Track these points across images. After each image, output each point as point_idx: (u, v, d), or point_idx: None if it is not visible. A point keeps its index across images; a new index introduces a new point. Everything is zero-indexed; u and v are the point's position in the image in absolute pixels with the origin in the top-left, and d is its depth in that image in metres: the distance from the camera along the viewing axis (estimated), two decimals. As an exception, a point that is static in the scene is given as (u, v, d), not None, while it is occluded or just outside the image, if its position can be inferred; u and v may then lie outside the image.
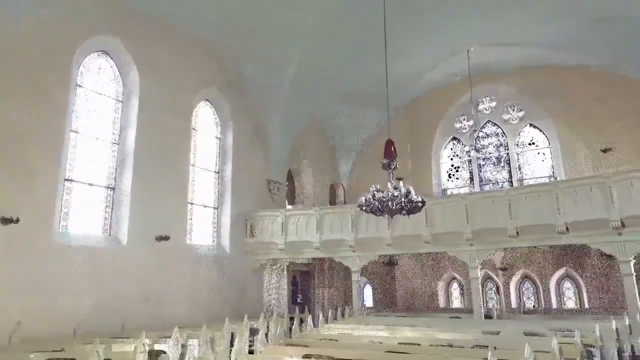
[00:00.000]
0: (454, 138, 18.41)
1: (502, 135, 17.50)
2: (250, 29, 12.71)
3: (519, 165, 16.97)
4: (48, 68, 9.37)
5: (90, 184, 10.36)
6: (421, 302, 16.96)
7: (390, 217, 8.01)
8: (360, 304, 13.43)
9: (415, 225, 12.17)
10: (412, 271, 17.49)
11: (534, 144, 16.94)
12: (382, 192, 7.39)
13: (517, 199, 11.25)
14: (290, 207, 15.93)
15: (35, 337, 7.82)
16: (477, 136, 16.91)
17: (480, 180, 17.50)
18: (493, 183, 17.26)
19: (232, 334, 9.29)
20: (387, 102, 9.37)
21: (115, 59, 11.14)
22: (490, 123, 17.74)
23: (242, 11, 12.10)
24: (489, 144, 17.65)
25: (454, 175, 18.27)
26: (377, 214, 7.92)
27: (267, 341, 7.61)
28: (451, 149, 18.53)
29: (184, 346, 8.25)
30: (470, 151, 15.71)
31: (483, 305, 12.37)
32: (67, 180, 9.84)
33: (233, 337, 9.36)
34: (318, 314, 12.35)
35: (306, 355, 6.51)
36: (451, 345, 7.32)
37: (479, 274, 11.91)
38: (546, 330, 8.53)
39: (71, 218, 9.83)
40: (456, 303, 17.03)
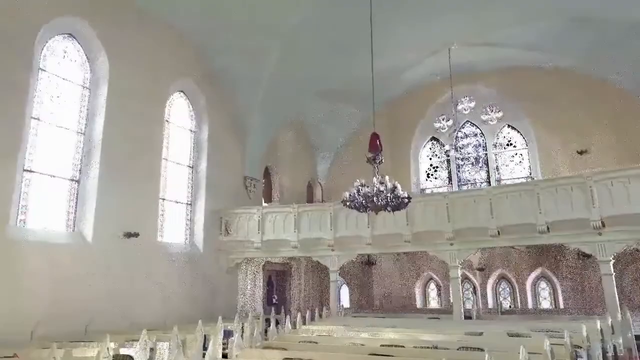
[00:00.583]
0: (433, 138, 18.32)
1: (480, 136, 17.52)
2: (229, 21, 12.20)
3: (497, 166, 17.01)
4: (7, 49, 8.62)
5: (53, 176, 9.63)
6: (398, 303, 16.77)
7: (375, 214, 7.68)
8: (338, 305, 13.07)
9: (395, 224, 11.95)
10: (390, 271, 17.28)
11: (512, 144, 17.01)
12: (367, 186, 7.04)
13: (498, 198, 11.15)
14: (267, 205, 15.46)
15: (-15, 341, 7.11)
16: (456, 136, 16.84)
17: (459, 181, 17.46)
18: (471, 183, 17.25)
19: (205, 336, 8.79)
20: (372, 95, 9.05)
21: (82, 42, 10.42)
22: (469, 123, 17.74)
23: (221, 1, 11.59)
24: (468, 144, 17.63)
25: (432, 175, 18.18)
26: (360, 210, 7.59)
27: (243, 344, 7.15)
28: (430, 149, 18.45)
29: (152, 350, 7.67)
30: (450, 150, 15.61)
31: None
32: (27, 170, 9.09)
33: (206, 340, 8.87)
34: (294, 315, 11.95)
35: (286, 359, 6.11)
36: (436, 347, 7.05)
37: (459, 274, 11.74)
38: (529, 331, 8.37)
39: (30, 212, 9.09)
40: (433, 303, 16.92)
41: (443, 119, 17.99)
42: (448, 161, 17.87)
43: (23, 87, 8.88)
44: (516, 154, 16.87)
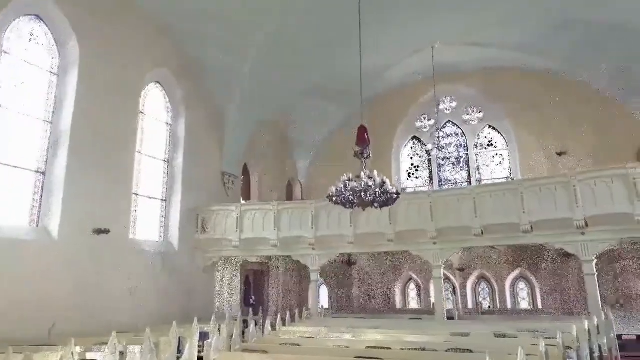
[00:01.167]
0: (415, 137, 18.22)
1: (462, 136, 17.50)
2: (209, 11, 11.68)
3: (478, 167, 17.01)
4: (-34, 27, 7.95)
5: (15, 167, 8.94)
6: (378, 303, 16.56)
7: (363, 209, 7.38)
8: (318, 305, 12.72)
9: (378, 223, 11.71)
10: (370, 271, 17.04)
11: (492, 145, 17.05)
12: (355, 181, 6.72)
13: (482, 197, 11.03)
14: (246, 202, 14.98)
15: None
16: (438, 135, 16.78)
17: (440, 181, 17.39)
18: (452, 183, 17.20)
19: (179, 338, 8.28)
20: (360, 88, 8.75)
21: (50, 25, 9.75)
22: (451, 123, 17.70)
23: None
24: (449, 144, 17.59)
25: (413, 174, 18.06)
26: (346, 206, 7.27)
27: (221, 347, 6.72)
28: (411, 148, 18.33)
29: (123, 354, 7.14)
30: (432, 150, 15.52)
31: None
32: (-14, 161, 8.41)
33: (181, 343, 8.39)
34: (273, 316, 11.54)
35: (268, 363, 5.73)
36: (424, 349, 6.79)
37: (442, 274, 11.59)
38: (515, 332, 8.23)
39: (-11, 205, 8.41)
40: (413, 304, 16.77)
41: (425, 119, 18.02)
42: (429, 161, 17.79)
43: (-17, 70, 8.20)
44: (497, 154, 16.91)
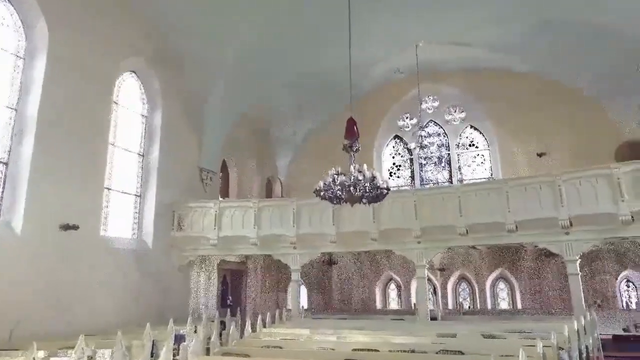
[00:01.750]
0: (397, 136, 18.07)
1: (444, 136, 17.45)
2: None
3: (459, 166, 16.98)
4: None
5: (-25, 156, 8.27)
6: (358, 304, 16.30)
7: (351, 205, 7.06)
8: (298, 306, 12.35)
9: (362, 221, 11.44)
10: (350, 271, 16.77)
11: (474, 145, 17.05)
12: (344, 175, 6.40)
13: (467, 195, 10.90)
14: (223, 199, 14.48)
15: None
16: (421, 135, 16.67)
17: (421, 180, 17.28)
18: (434, 183, 17.11)
19: (153, 341, 7.79)
20: (349, 80, 8.46)
21: (16, 5, 9.07)
22: (433, 122, 17.62)
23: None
24: (432, 143, 17.51)
25: (395, 174, 17.90)
26: (334, 202, 6.93)
27: (199, 351, 6.28)
28: (393, 147, 18.17)
29: (91, 358, 6.62)
30: (416, 148, 15.37)
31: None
32: (-58, 148, 7.72)
33: (154, 346, 7.90)
34: (252, 317, 11.12)
35: (251, 368, 5.35)
36: (413, 351, 6.53)
37: (426, 274, 11.40)
38: (502, 332, 8.07)
39: (-55, 197, 7.72)
40: (393, 304, 16.59)
41: (407, 118, 17.90)
42: (411, 160, 17.67)
43: (-60, 49, 7.52)
44: (478, 154, 16.91)
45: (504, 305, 15.14)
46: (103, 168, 10.57)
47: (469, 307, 15.19)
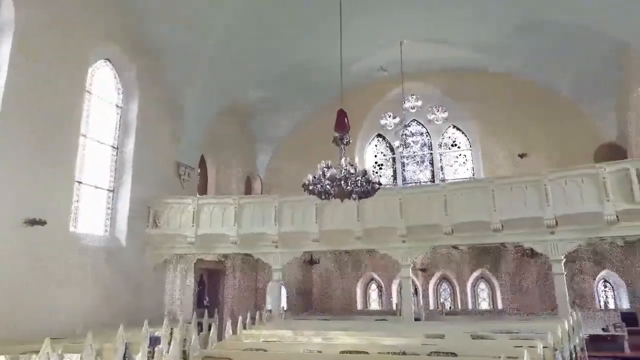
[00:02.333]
0: (379, 135, 17.89)
1: (426, 135, 17.36)
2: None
3: (442, 166, 16.92)
4: None
5: None
6: (338, 304, 16.02)
7: (341, 201, 6.75)
8: (279, 307, 11.96)
9: (345, 220, 11.18)
10: (331, 271, 16.48)
11: (456, 145, 17.02)
12: (334, 168, 6.09)
13: (453, 194, 10.75)
14: (202, 196, 13.93)
15: None
16: (405, 134, 16.54)
17: (404, 180, 17.14)
18: (416, 182, 17.00)
19: (126, 344, 7.27)
20: (340, 68, 8.16)
21: (-21, -21, 8.41)
22: (415, 122, 17.52)
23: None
24: (416, 142, 17.40)
25: (377, 173, 17.69)
26: (322, 197, 6.61)
27: (177, 355, 5.84)
28: (375, 146, 17.99)
29: (58, 364, 6.09)
30: (400, 147, 15.21)
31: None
32: None
33: (128, 349, 7.38)
34: (230, 318, 10.66)
35: (236, 373, 4.96)
36: (404, 353, 6.26)
37: (410, 274, 11.21)
38: (489, 333, 7.91)
39: None
40: (374, 305, 16.38)
41: (389, 116, 17.72)
42: (393, 159, 17.51)
43: None
44: (460, 154, 16.89)
45: (485, 305, 15.14)
46: (74, 160, 9.92)
47: (449, 308, 15.12)
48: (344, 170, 6.18)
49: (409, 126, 17.36)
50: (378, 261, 15.84)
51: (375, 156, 17.85)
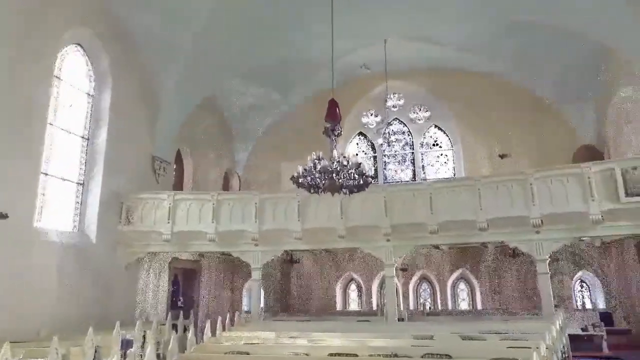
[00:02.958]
0: (360, 133, 17.66)
1: (408, 134, 17.24)
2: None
3: (423, 165, 16.82)
4: None
5: None
6: (318, 305, 15.69)
7: (332, 195, 6.42)
8: (259, 307, 11.52)
9: (329, 217, 10.87)
10: (310, 271, 16.14)
11: (438, 145, 16.96)
12: (326, 160, 5.75)
13: (439, 192, 10.59)
14: (178, 192, 13.34)
15: None
16: (387, 132, 16.36)
17: (385, 179, 16.96)
18: (397, 182, 16.83)
19: (96, 348, 6.74)
20: (332, 60, 7.83)
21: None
22: (397, 121, 17.37)
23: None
24: (398, 140, 17.25)
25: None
26: (311, 191, 6.26)
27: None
28: (357, 144, 17.75)
29: (18, 370, 5.54)
30: (382, 145, 15.00)
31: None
32: None
33: (97, 352, 6.85)
34: (205, 319, 10.17)
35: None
36: (396, 355, 5.97)
37: (394, 273, 10.98)
38: (478, 333, 7.72)
39: None
40: (353, 305, 16.12)
41: (371, 115, 17.50)
42: (375, 157, 17.31)
43: None
44: (441, 154, 16.84)
45: (464, 305, 15.10)
46: (40, 150, 9.24)
47: (430, 308, 15.01)
48: (336, 163, 5.85)
49: (391, 125, 17.19)
50: (359, 261, 15.61)
51: (357, 154, 17.56)
